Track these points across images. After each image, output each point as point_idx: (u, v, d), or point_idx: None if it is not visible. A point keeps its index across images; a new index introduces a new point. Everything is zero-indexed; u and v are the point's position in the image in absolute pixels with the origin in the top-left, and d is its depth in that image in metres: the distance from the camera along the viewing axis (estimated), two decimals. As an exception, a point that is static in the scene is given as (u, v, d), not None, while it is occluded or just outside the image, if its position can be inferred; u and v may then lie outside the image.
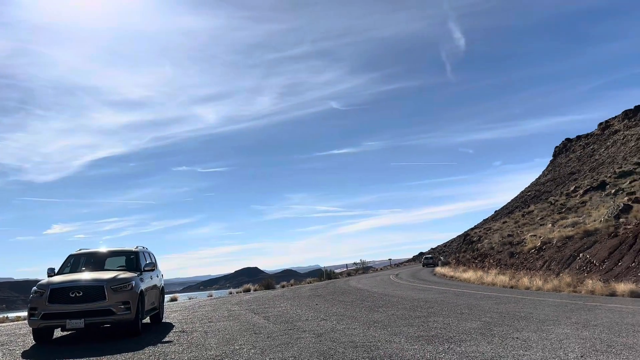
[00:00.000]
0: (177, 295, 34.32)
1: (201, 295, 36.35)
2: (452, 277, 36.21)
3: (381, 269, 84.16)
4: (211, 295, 32.85)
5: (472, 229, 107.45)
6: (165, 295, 17.28)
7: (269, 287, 35.51)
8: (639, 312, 11.24)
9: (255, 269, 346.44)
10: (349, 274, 63.03)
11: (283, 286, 38.61)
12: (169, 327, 12.29)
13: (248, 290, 33.02)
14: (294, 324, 11.49)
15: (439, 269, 49.36)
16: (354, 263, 73.54)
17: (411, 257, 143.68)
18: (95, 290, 10.03)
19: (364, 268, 70.51)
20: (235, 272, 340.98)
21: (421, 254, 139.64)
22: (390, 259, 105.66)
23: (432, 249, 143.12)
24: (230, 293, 33.39)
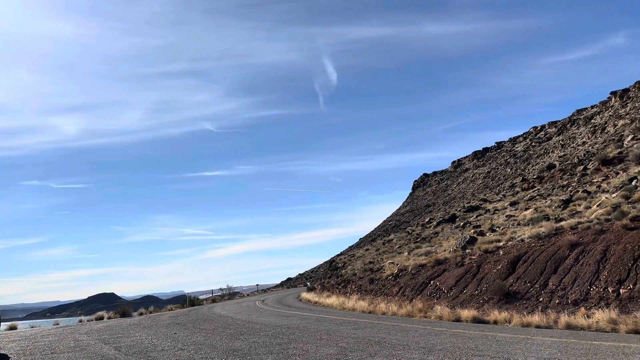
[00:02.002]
0: (17, 323, 30.66)
1: (46, 324, 32.94)
2: (316, 302, 36.90)
3: (248, 294, 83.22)
4: (58, 324, 29.91)
5: (337, 256, 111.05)
6: (3, 323, 15.46)
7: (125, 314, 33.31)
8: (479, 337, 12.31)
9: (112, 294, 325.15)
10: (214, 300, 61.48)
11: (141, 313, 36.47)
12: (4, 359, 10.95)
13: (101, 318, 30.72)
14: (148, 354, 10.87)
15: (304, 295, 50.02)
16: (220, 289, 72.04)
17: (279, 282, 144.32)
18: None
19: (230, 294, 69.27)
20: (89, 298, 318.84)
21: (289, 279, 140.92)
22: (257, 285, 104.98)
23: (299, 274, 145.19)
24: (81, 321, 30.81)
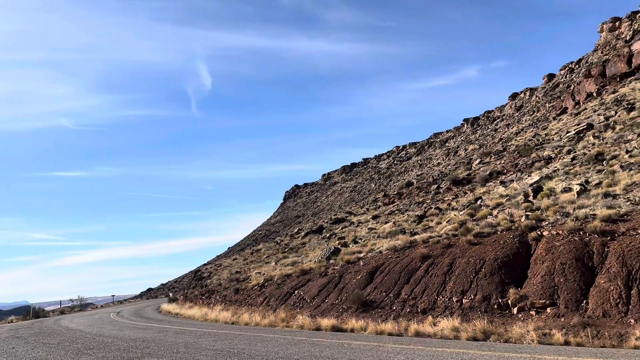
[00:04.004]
0: None
1: None
2: (177, 314, 35.55)
3: (102, 306, 77.70)
4: None
5: (204, 265, 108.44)
6: None
7: (-47, 329, 29.27)
8: (335, 345, 12.71)
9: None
10: (62, 312, 56.49)
11: (-26, 327, 32.34)
12: None
13: None
14: (-26, 374, 9.64)
15: (165, 306, 47.93)
16: (71, 300, 66.44)
17: (138, 293, 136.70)
18: None
19: (81, 305, 64.19)
20: None
21: (150, 289, 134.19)
22: (113, 295, 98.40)
23: (162, 284, 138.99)
24: None
